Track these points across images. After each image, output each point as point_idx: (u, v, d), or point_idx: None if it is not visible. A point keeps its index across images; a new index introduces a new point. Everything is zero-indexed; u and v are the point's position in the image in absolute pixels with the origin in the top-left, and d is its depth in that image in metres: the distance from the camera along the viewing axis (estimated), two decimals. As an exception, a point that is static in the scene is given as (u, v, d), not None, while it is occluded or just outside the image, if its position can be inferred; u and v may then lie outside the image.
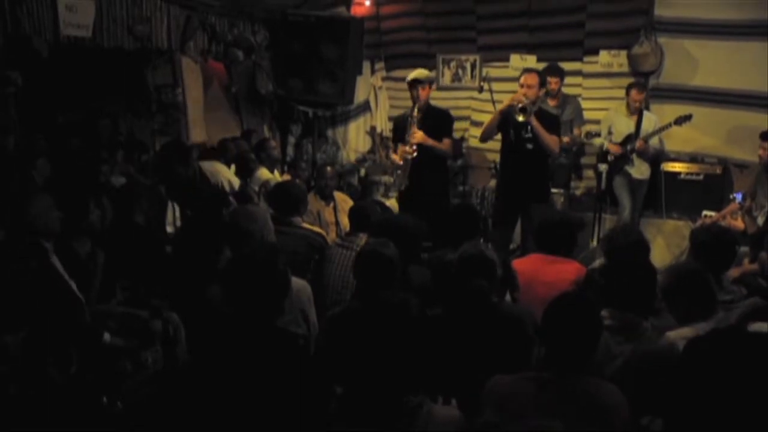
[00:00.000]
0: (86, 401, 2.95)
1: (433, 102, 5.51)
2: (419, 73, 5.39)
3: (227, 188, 4.76)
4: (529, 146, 5.11)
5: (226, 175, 4.86)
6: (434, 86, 6.02)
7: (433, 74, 6.61)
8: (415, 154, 5.21)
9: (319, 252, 4.13)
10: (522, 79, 5.11)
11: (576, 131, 6.54)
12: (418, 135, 5.20)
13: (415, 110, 5.24)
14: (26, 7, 4.43)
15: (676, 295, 2.84)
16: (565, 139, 6.45)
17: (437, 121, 5.35)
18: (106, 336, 3.25)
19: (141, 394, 3.15)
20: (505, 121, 5.14)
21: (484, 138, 5.38)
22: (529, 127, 5.05)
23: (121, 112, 5.76)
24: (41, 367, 2.82)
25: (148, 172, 5.23)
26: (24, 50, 4.43)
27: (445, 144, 5.32)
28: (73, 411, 2.81)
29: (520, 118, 4.97)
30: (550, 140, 5.08)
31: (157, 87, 5.85)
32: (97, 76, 5.42)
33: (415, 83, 5.27)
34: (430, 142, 5.22)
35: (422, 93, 5.27)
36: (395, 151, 5.41)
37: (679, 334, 2.68)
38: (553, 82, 6.46)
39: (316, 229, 4.57)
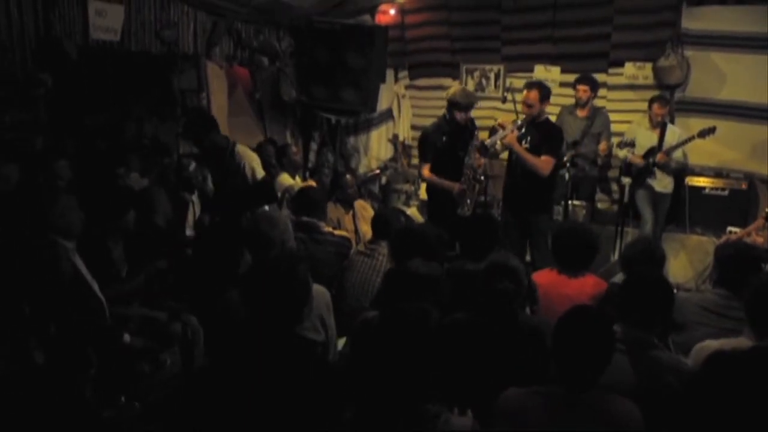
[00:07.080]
0: (104, 401, 2.98)
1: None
2: None
3: (249, 175, 4.75)
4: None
5: (254, 162, 4.83)
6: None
7: None
8: None
9: (347, 258, 4.16)
10: (524, 97, 5.01)
11: (603, 144, 6.34)
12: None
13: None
14: (58, 11, 4.53)
15: None
16: (602, 147, 6.34)
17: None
18: (126, 337, 3.29)
19: (159, 395, 3.18)
20: None
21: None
22: (528, 138, 5.01)
23: (146, 115, 5.82)
24: (60, 365, 2.85)
25: (171, 175, 5.28)
26: (54, 52, 4.51)
27: None
28: (91, 410, 2.84)
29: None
30: (535, 162, 4.96)
31: (183, 91, 5.90)
32: (124, 80, 5.49)
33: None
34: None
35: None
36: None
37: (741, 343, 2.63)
38: (581, 90, 6.36)
39: (341, 232, 4.59)
